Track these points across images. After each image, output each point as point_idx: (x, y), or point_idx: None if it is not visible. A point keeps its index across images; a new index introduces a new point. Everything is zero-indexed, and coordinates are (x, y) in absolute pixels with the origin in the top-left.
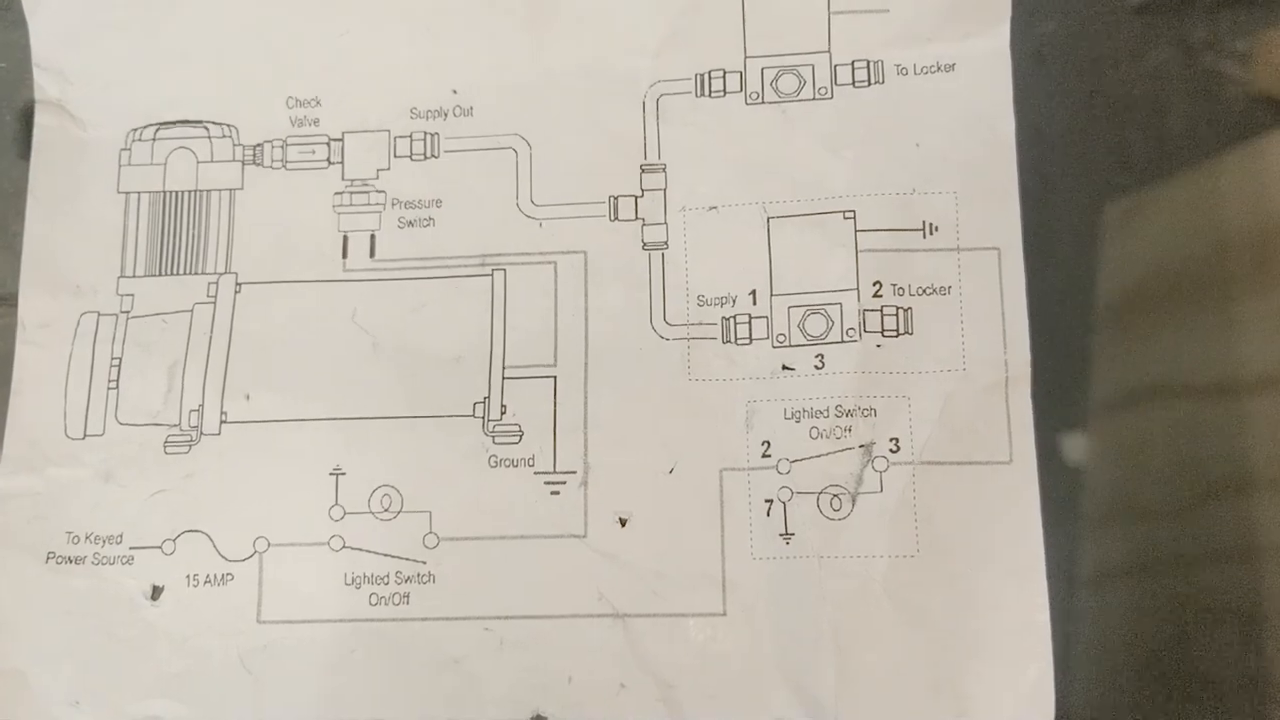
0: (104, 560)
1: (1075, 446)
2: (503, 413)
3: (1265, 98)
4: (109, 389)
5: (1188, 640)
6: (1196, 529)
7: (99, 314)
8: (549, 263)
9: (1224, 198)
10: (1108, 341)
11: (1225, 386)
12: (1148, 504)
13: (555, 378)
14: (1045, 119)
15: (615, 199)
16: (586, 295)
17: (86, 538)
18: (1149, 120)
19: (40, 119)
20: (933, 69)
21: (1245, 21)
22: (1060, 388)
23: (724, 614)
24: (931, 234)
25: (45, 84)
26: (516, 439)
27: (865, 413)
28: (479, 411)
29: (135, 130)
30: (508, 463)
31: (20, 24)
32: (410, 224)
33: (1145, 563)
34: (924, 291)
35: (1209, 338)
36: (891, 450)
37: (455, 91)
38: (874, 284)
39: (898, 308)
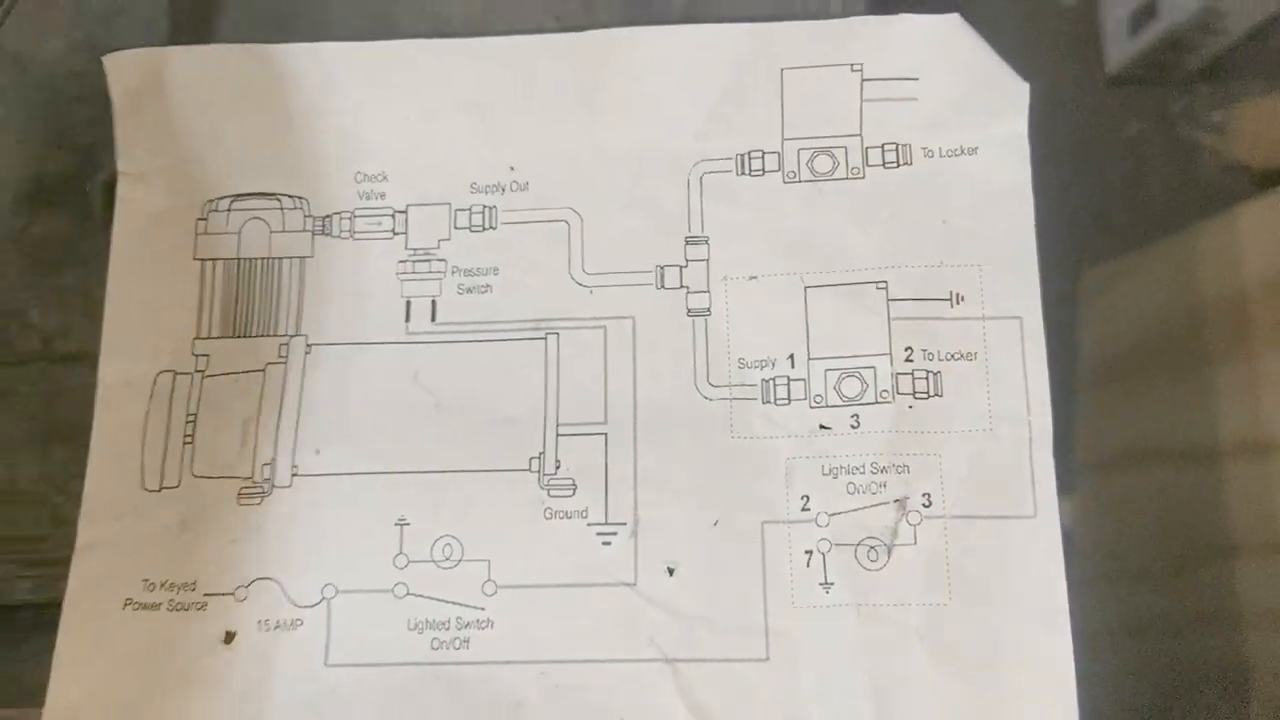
0: (179, 606)
1: (1062, 509)
2: (557, 467)
3: (1240, 167)
4: (185, 444)
5: (1172, 702)
6: (1180, 592)
7: (175, 373)
8: (599, 327)
9: (1202, 265)
10: (1089, 406)
11: (1205, 450)
12: (1131, 566)
13: (606, 435)
14: (1035, 198)
15: (662, 268)
16: (635, 358)
17: (162, 585)
18: (1127, 189)
19: (123, 190)
20: (957, 152)
21: (1221, 95)
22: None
23: (767, 659)
24: (958, 303)
25: (127, 159)
26: (570, 492)
27: (899, 469)
28: (535, 466)
29: (212, 201)
30: (562, 514)
31: (105, 104)
32: (469, 290)
33: (1130, 625)
34: (952, 357)
35: (1188, 402)
36: (924, 505)
37: (512, 168)
38: (905, 349)
39: (928, 371)
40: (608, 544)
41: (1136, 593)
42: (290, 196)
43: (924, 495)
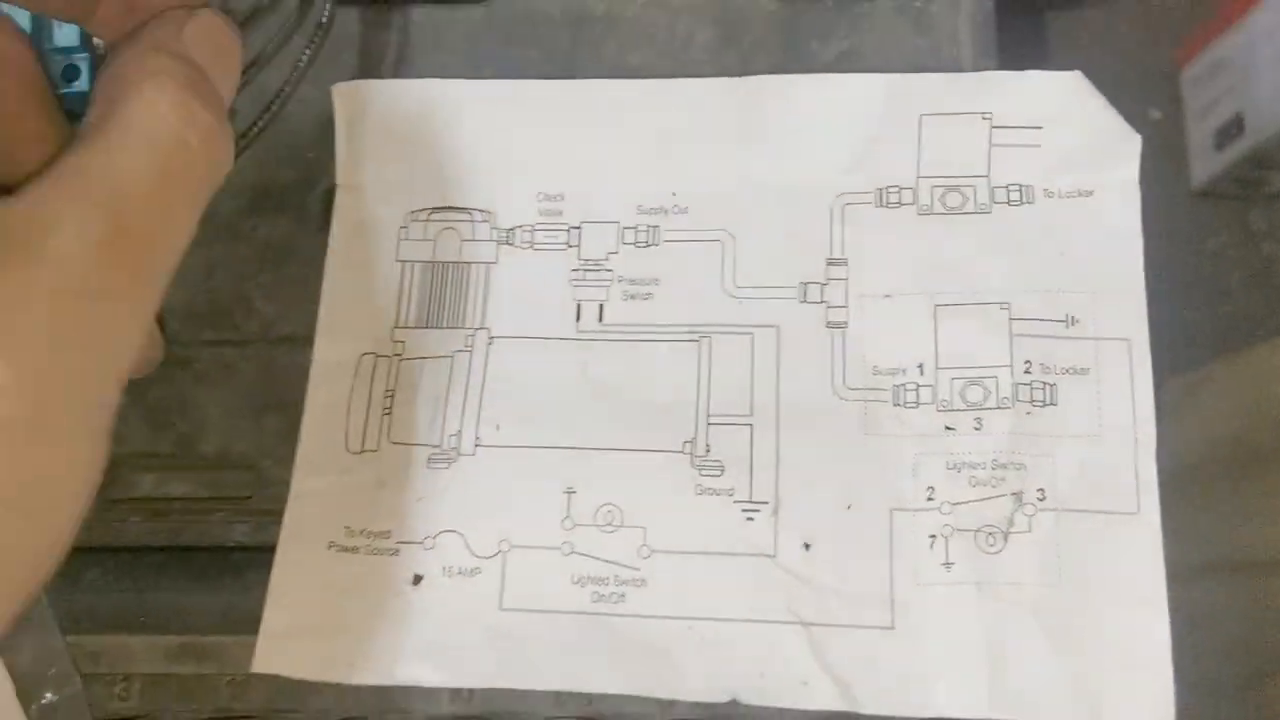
0: (375, 551)
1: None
2: (707, 450)
3: None
4: (384, 415)
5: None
6: (1259, 705)
7: (377, 355)
8: (747, 334)
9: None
10: (1168, 515)
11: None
12: (1209, 676)
13: (751, 425)
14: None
15: (805, 285)
16: (779, 361)
17: (361, 532)
18: (1210, 299)
19: (339, 200)
20: (1074, 194)
21: None
22: None
23: (892, 627)
24: (1072, 325)
25: (345, 173)
26: (719, 473)
27: (1016, 467)
28: (687, 449)
29: (413, 212)
30: (711, 491)
31: (329, 124)
32: (633, 297)
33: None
34: (1066, 371)
35: (1269, 512)
36: (1038, 498)
37: (674, 194)
38: (1025, 363)
39: (1044, 383)
40: (751, 519)
41: (1210, 704)
42: (480, 210)
43: (1038, 490)
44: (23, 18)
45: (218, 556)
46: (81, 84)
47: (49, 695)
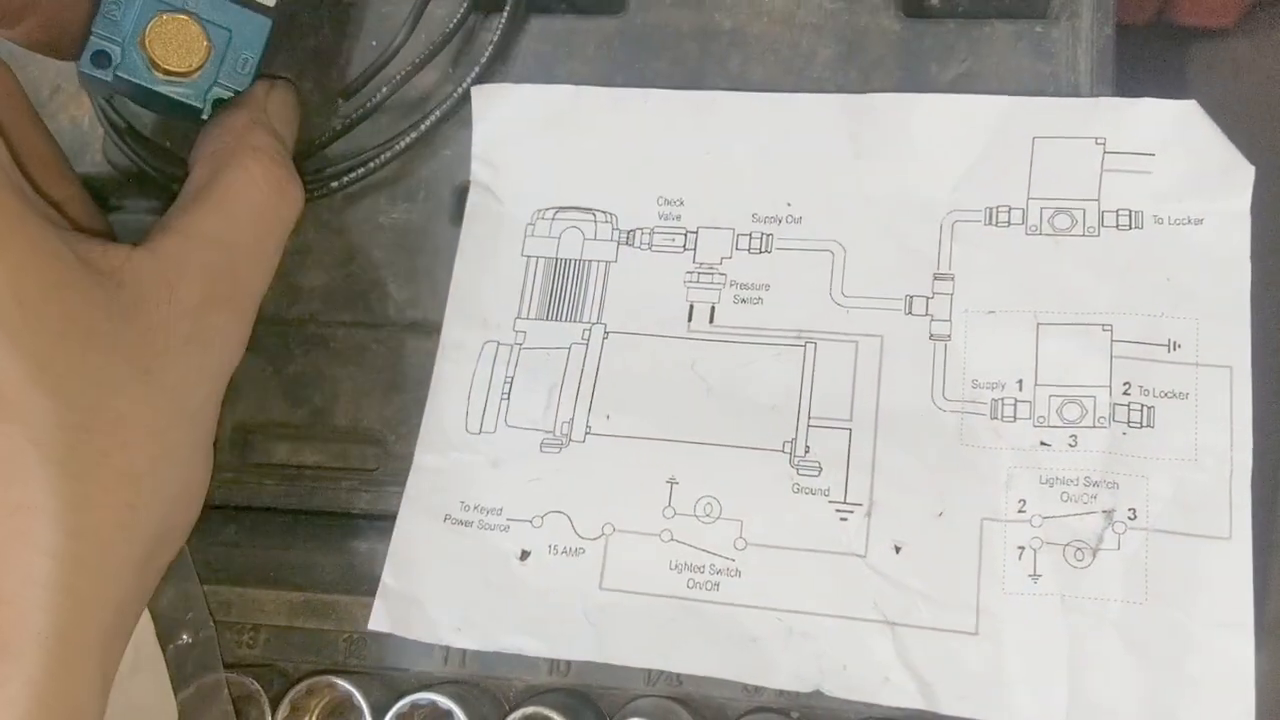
0: (487, 526)
1: None
2: (806, 451)
3: None
4: (502, 399)
5: None
6: None
7: (499, 343)
8: (852, 342)
9: None
10: None
11: None
12: None
13: (850, 430)
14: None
15: (910, 297)
16: (880, 370)
17: (475, 508)
18: None
19: (472, 196)
20: (1184, 221)
21: None
22: None
23: (976, 633)
24: (1174, 350)
25: (479, 170)
26: (816, 473)
27: (1109, 485)
28: (787, 448)
29: (540, 210)
30: (807, 490)
31: (466, 124)
32: (744, 300)
33: None
34: (1165, 395)
35: None
36: (1130, 517)
37: (789, 204)
38: (1124, 384)
39: (1143, 405)
40: (844, 520)
41: None
42: (603, 212)
43: (1130, 509)
44: None
45: (342, 521)
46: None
47: (185, 637)
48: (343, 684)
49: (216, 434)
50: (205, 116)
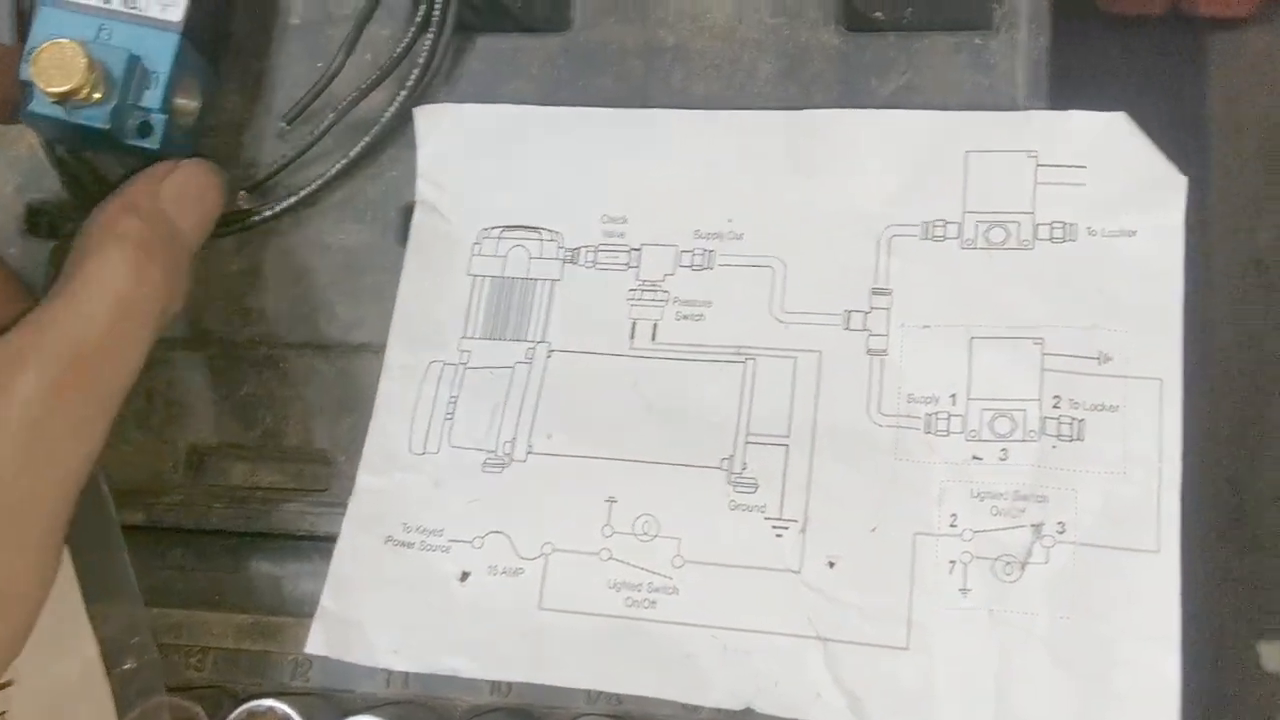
0: (428, 547)
1: (1274, 655)
2: (744, 468)
3: None
4: (446, 419)
5: None
6: None
7: (444, 363)
8: (790, 357)
9: None
10: None
11: None
12: None
13: (787, 446)
14: (1263, 325)
15: (849, 313)
16: (818, 386)
17: (416, 529)
18: None
19: (417, 215)
20: (1118, 233)
21: None
22: (1262, 596)
23: (907, 648)
24: (1105, 362)
25: (424, 190)
26: (753, 490)
27: (1038, 499)
28: (725, 465)
29: (485, 229)
30: (744, 508)
31: (412, 145)
32: (685, 317)
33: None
34: (1096, 408)
35: None
36: (1058, 531)
37: (730, 220)
38: (1054, 397)
39: (1073, 419)
40: (780, 536)
41: None
42: (548, 230)
43: (1058, 523)
44: None
45: (289, 543)
46: (153, 142)
47: (129, 663)
48: (282, 707)
49: (171, 458)
50: (143, 143)
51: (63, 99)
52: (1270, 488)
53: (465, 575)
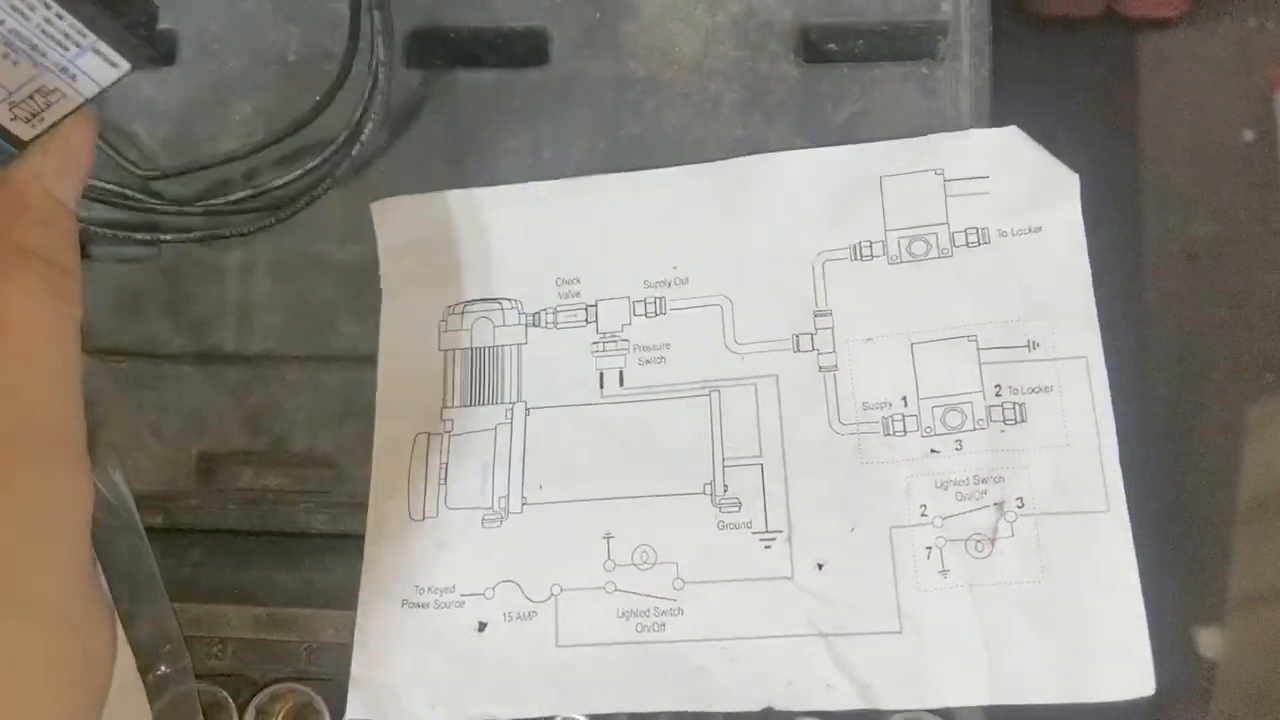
0: (442, 605)
1: (1210, 641)
2: (725, 490)
3: None
4: (440, 484)
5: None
6: None
7: (429, 434)
8: (750, 384)
9: None
10: (1247, 539)
11: None
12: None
13: (762, 465)
14: (1196, 317)
15: (796, 336)
16: (780, 406)
17: (428, 589)
18: None
19: (385, 302)
20: (1025, 231)
21: None
22: (1198, 582)
23: (900, 631)
24: (1034, 349)
25: (389, 277)
26: (737, 508)
27: (996, 480)
28: (707, 490)
29: (450, 306)
30: (731, 526)
31: (371, 237)
32: (648, 361)
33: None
34: (1033, 391)
35: None
36: (1018, 506)
37: (675, 267)
38: (995, 386)
39: (1014, 403)
40: (768, 547)
41: None
42: (508, 299)
43: (1018, 499)
44: None
45: (300, 541)
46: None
47: (163, 668)
48: (304, 689)
49: (185, 465)
50: None
51: None
52: (1206, 476)
53: (483, 625)
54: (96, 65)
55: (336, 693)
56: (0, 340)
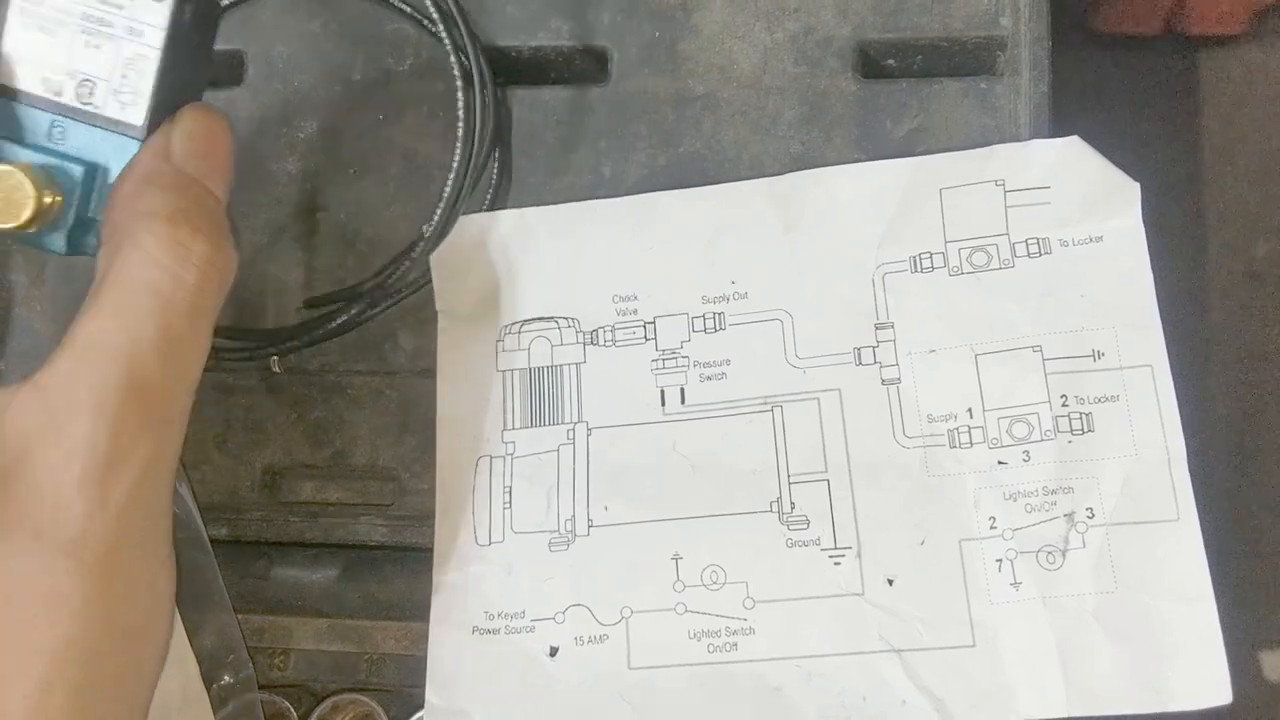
0: (513, 630)
1: (1275, 664)
2: (792, 507)
3: None
4: (505, 509)
5: None
6: None
7: (491, 457)
8: (813, 399)
9: None
10: None
11: None
12: None
13: (828, 480)
14: (1260, 338)
15: (858, 349)
16: (844, 421)
17: (498, 615)
18: None
19: (441, 323)
20: (1086, 241)
21: None
22: (1264, 604)
23: (973, 645)
24: (1099, 359)
25: (443, 299)
26: (805, 526)
27: (1065, 490)
28: (774, 508)
29: (506, 326)
30: (800, 543)
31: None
32: (709, 378)
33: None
34: (1099, 400)
35: None
36: (1088, 516)
37: (733, 282)
38: (1061, 397)
39: (1081, 413)
40: (838, 564)
41: None
42: (565, 318)
43: (1087, 509)
44: None
45: (362, 553)
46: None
47: (226, 678)
48: (365, 700)
49: (249, 477)
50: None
51: (12, 233)
52: (1270, 498)
53: (554, 650)
54: (148, 9)
55: (397, 703)
56: (111, 295)
